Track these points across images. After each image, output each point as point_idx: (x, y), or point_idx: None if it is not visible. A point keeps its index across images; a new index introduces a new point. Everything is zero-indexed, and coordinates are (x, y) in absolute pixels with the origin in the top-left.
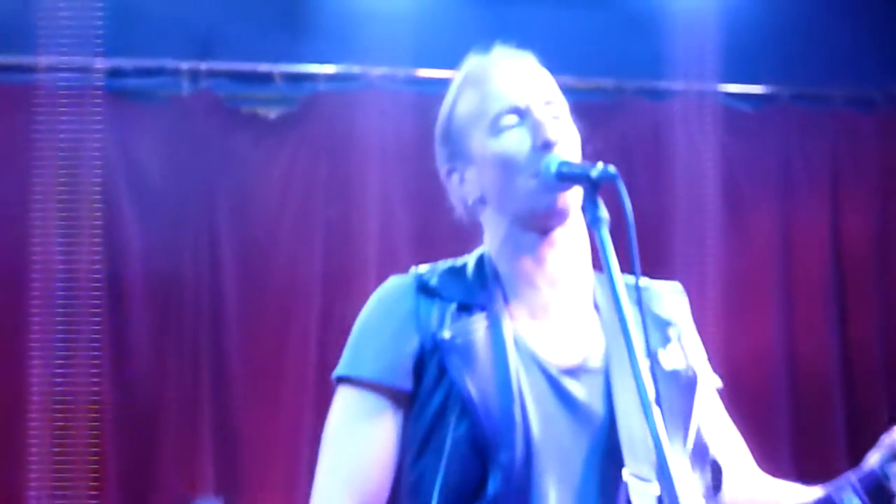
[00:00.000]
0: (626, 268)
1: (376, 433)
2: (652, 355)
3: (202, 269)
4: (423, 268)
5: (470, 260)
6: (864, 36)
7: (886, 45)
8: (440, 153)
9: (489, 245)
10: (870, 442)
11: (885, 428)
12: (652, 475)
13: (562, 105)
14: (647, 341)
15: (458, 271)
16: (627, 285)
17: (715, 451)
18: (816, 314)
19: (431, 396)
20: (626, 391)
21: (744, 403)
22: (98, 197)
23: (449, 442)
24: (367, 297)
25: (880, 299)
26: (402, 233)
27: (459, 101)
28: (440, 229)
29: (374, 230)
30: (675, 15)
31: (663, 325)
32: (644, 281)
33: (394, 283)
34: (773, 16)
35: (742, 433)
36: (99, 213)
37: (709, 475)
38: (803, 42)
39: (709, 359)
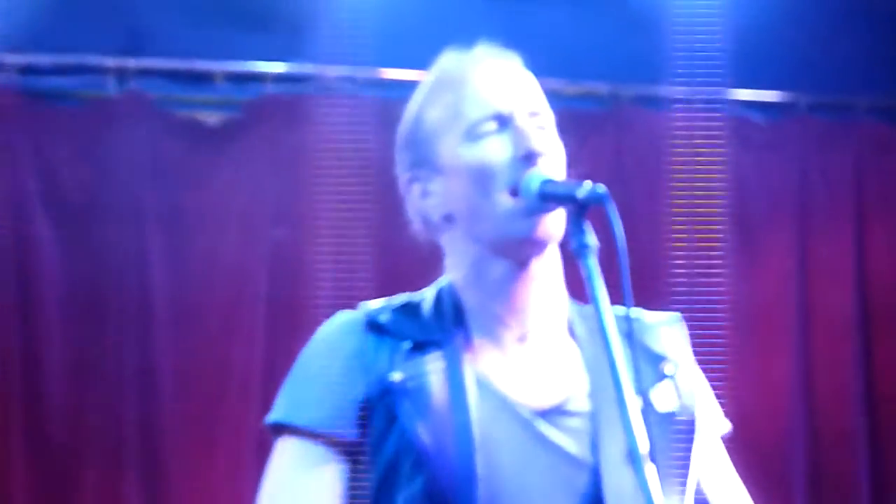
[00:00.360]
0: (616, 300)
1: (317, 488)
2: (643, 396)
3: (129, 296)
4: (375, 303)
5: (428, 294)
6: (890, 38)
7: None
8: (402, 159)
9: (452, 272)
10: None
11: None
12: None
13: (548, 117)
14: (638, 380)
15: (414, 307)
16: (617, 317)
17: None
18: (839, 353)
19: (381, 447)
20: (613, 437)
21: (754, 455)
22: (9, 212)
23: (401, 499)
24: None
25: None
26: (362, 258)
27: (431, 103)
28: (405, 255)
29: (328, 255)
30: (677, 12)
31: (656, 360)
32: (635, 311)
33: (340, 319)
34: (789, 15)
35: (751, 490)
36: (9, 231)
37: None
38: (823, 44)
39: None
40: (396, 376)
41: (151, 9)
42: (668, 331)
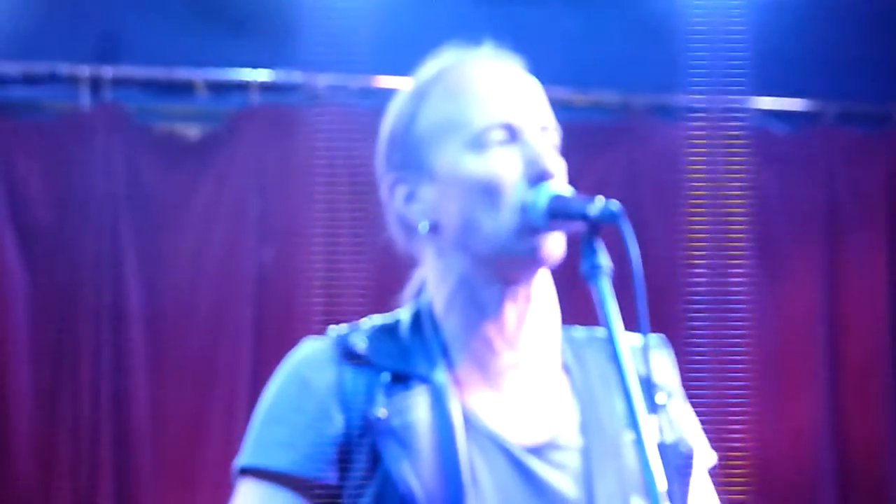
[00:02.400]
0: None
1: None
2: (650, 429)
3: (103, 323)
4: (345, 328)
5: (404, 315)
6: None
7: None
8: (386, 158)
9: (433, 291)
10: None
11: None
12: None
13: (557, 133)
14: (652, 410)
15: (390, 331)
16: (632, 348)
17: None
18: (870, 390)
19: (362, 491)
20: (606, 472)
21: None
22: None
23: None
24: None
25: None
26: (352, 279)
27: (428, 103)
28: (398, 274)
29: (317, 276)
30: (694, 15)
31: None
32: (632, 337)
33: (309, 349)
34: (816, 17)
35: None
36: None
37: None
38: (853, 49)
39: (705, 433)
40: (380, 413)
41: (128, 14)
42: (654, 355)
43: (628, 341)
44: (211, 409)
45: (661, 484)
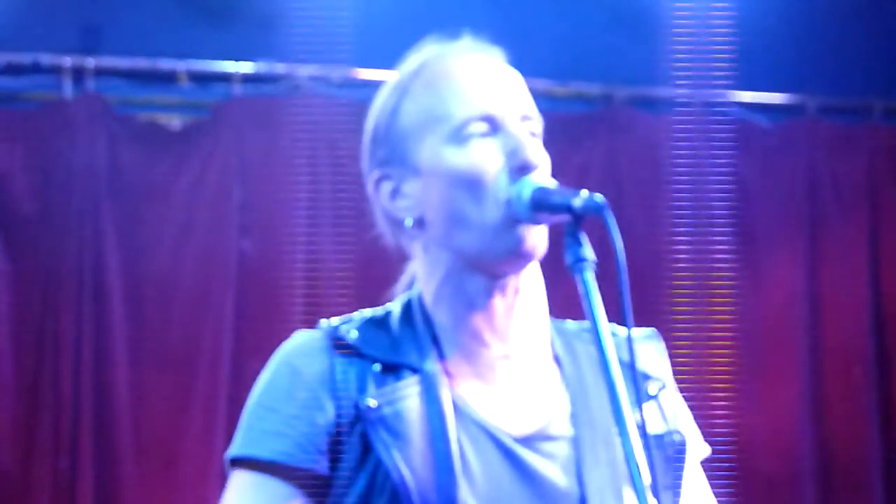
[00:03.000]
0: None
1: None
2: (634, 420)
3: (84, 313)
4: (336, 320)
5: (395, 307)
6: None
7: None
8: (371, 155)
9: (423, 285)
10: None
11: None
12: None
13: (538, 122)
14: (638, 403)
15: (381, 322)
16: (615, 337)
17: None
18: (851, 380)
19: (353, 480)
20: (597, 463)
21: (761, 493)
22: None
23: None
24: None
25: None
26: (335, 270)
27: (409, 97)
28: (382, 266)
29: (299, 266)
30: (675, 7)
31: (642, 379)
32: (621, 329)
33: (301, 339)
34: (797, 11)
35: None
36: None
37: None
38: (833, 43)
39: (701, 426)
40: (371, 402)
41: (110, 4)
42: (647, 347)
43: (614, 333)
44: (192, 394)
45: (646, 476)
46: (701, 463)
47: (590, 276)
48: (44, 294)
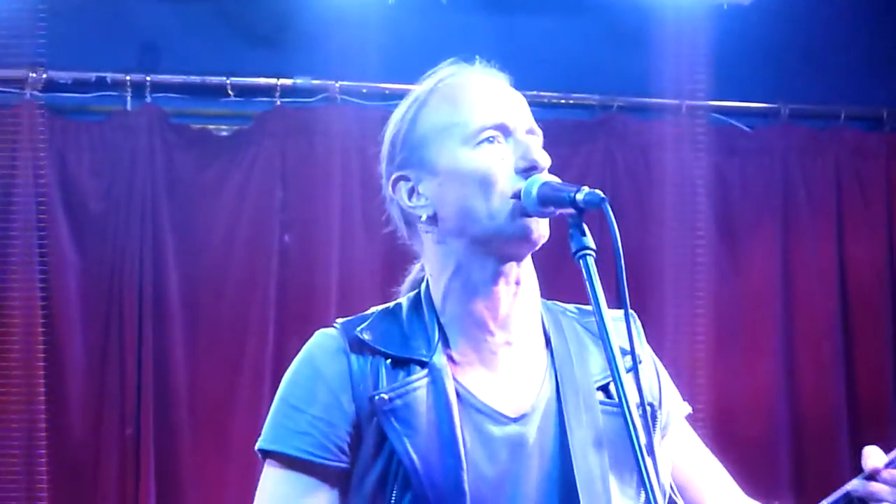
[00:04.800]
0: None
1: None
2: (616, 388)
3: (146, 301)
4: (351, 319)
5: (404, 303)
6: (871, 48)
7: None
8: (390, 158)
9: (433, 278)
10: None
11: None
12: None
13: (541, 138)
14: (637, 380)
15: (392, 318)
16: (613, 320)
17: (696, 485)
18: (821, 353)
19: (371, 468)
20: (580, 424)
21: (740, 454)
22: (34, 220)
23: None
24: None
25: (893, 337)
26: (367, 263)
27: (429, 107)
28: (408, 260)
29: (334, 260)
30: (665, 25)
31: (622, 354)
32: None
33: (321, 339)
34: (772, 26)
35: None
36: (35, 239)
37: None
38: (805, 54)
39: (692, 396)
40: (384, 395)
41: (165, 27)
42: (622, 324)
43: (610, 314)
44: (240, 369)
45: (642, 435)
46: (686, 419)
47: (592, 265)
48: (109, 283)
